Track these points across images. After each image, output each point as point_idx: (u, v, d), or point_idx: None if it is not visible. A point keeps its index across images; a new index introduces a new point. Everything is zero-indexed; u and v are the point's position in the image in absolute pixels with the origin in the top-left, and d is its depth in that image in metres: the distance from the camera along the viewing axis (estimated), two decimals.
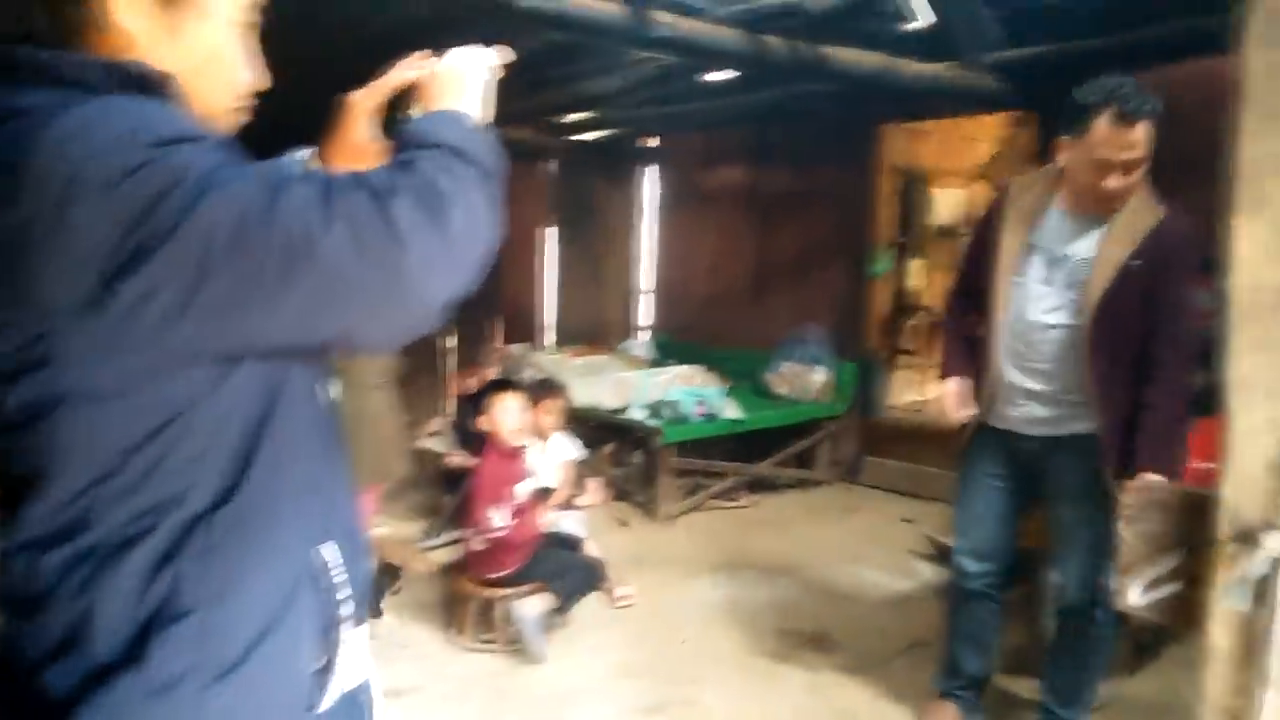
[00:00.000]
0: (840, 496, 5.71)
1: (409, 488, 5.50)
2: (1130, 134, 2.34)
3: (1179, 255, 2.45)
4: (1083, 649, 2.73)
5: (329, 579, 1.05)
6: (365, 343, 0.96)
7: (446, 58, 1.17)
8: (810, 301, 6.40)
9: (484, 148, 1.02)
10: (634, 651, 3.54)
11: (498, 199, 1.00)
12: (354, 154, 1.23)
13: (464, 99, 1.12)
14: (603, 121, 6.93)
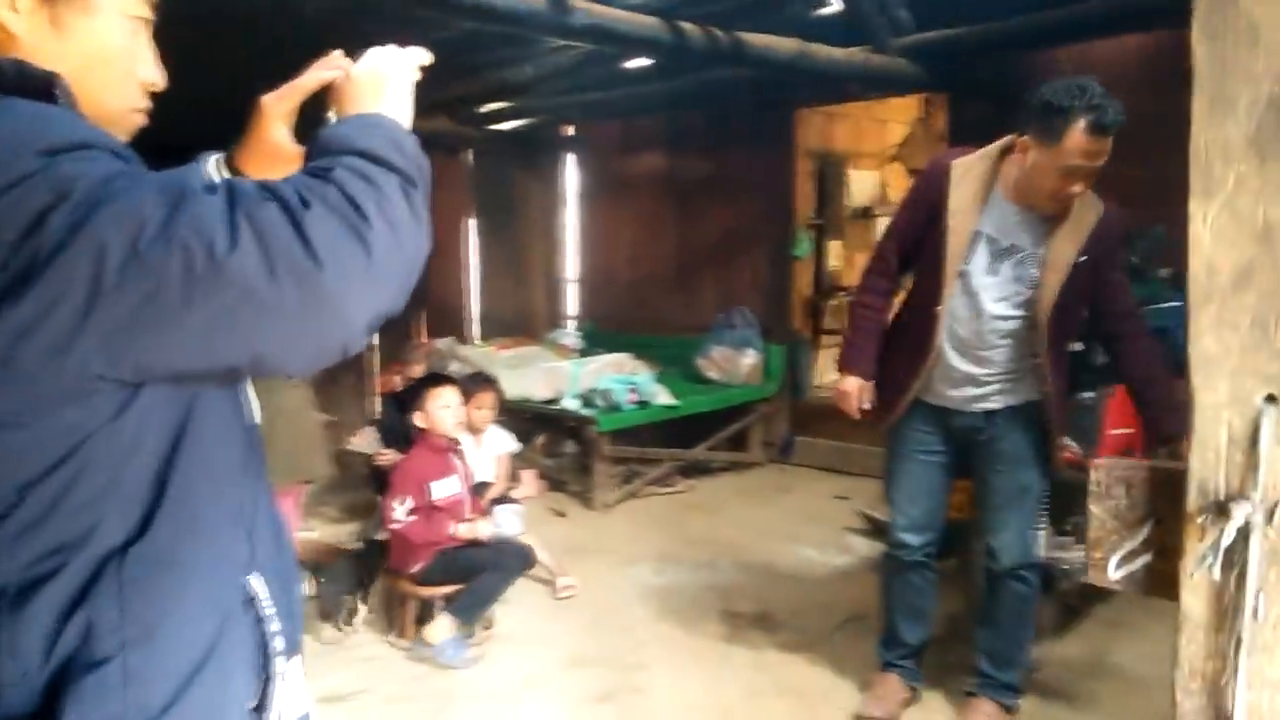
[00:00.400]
0: (773, 477, 5.81)
1: (336, 488, 5.39)
2: (1103, 144, 2.37)
3: (1116, 244, 2.61)
4: (1016, 612, 2.83)
5: (259, 611, 1.00)
6: (280, 368, 0.88)
7: (365, 58, 1.09)
8: (735, 285, 6.47)
9: (408, 154, 0.94)
10: (581, 641, 3.54)
11: (425, 210, 0.93)
12: (265, 161, 1.14)
13: (385, 102, 1.03)
14: (521, 110, 6.86)
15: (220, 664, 0.94)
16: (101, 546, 0.87)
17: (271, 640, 1.01)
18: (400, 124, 1.00)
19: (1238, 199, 0.71)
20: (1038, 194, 2.49)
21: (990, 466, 2.78)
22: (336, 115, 1.05)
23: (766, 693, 3.15)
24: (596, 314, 7.32)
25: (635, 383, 5.29)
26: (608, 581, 4.12)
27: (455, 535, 3.47)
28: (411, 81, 1.08)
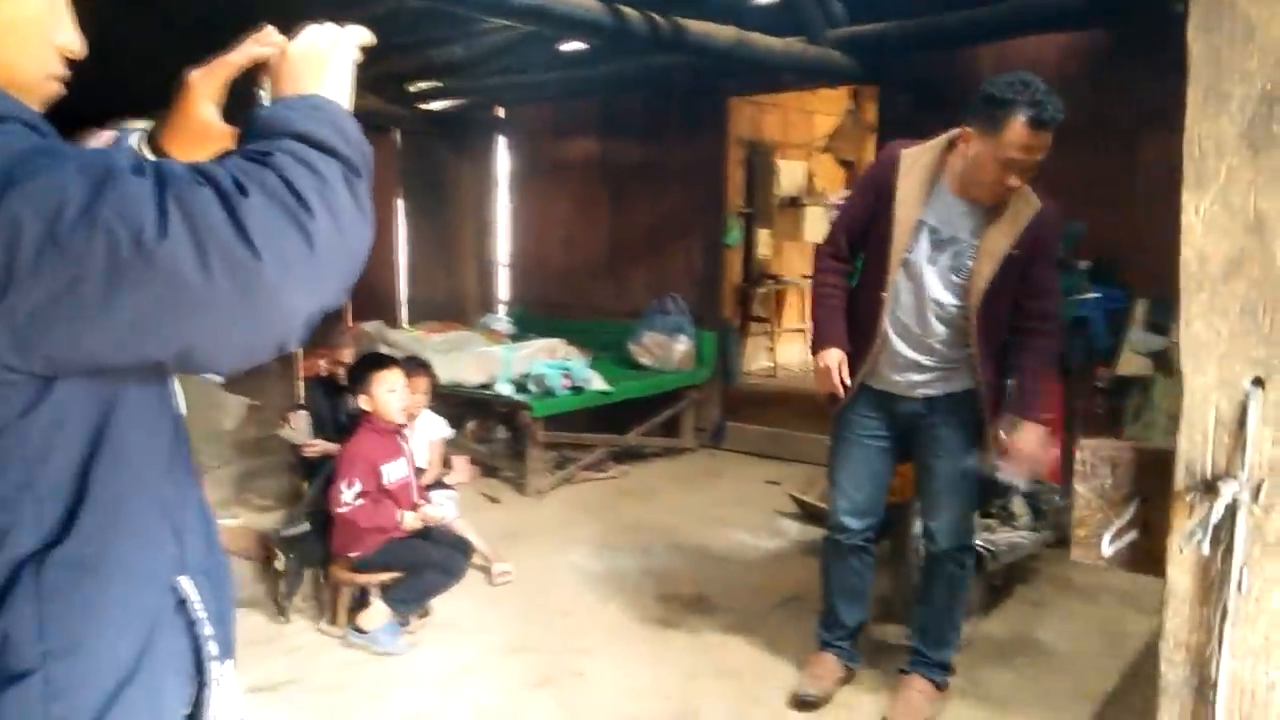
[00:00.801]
0: (705, 462, 5.86)
1: (261, 475, 5.25)
2: (1042, 138, 2.44)
3: (1051, 241, 2.67)
4: (951, 593, 2.92)
5: (191, 614, 0.95)
6: (209, 364, 0.84)
7: (302, 35, 1.02)
8: (667, 272, 6.49)
9: (351, 140, 0.89)
10: (518, 627, 3.52)
11: (369, 199, 0.88)
12: (192, 140, 1.06)
13: (324, 83, 0.97)
14: (451, 90, 6.75)
15: (151, 672, 0.89)
16: (16, 552, 0.81)
17: (205, 644, 0.96)
18: (342, 107, 0.95)
19: (1230, 191, 0.74)
20: (979, 185, 2.56)
21: (930, 452, 2.85)
22: (270, 94, 0.99)
23: (705, 674, 3.19)
24: (528, 299, 7.26)
25: (569, 368, 5.27)
26: (544, 567, 4.11)
27: (404, 524, 3.41)
28: (351, 62, 1.02)
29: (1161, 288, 4.48)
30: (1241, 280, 0.74)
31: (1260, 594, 0.74)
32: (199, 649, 0.96)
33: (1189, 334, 0.77)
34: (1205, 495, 0.74)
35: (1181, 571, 0.77)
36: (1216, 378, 0.76)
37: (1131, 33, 4.55)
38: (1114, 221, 4.51)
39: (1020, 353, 2.71)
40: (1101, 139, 4.58)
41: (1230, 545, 0.74)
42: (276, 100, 0.96)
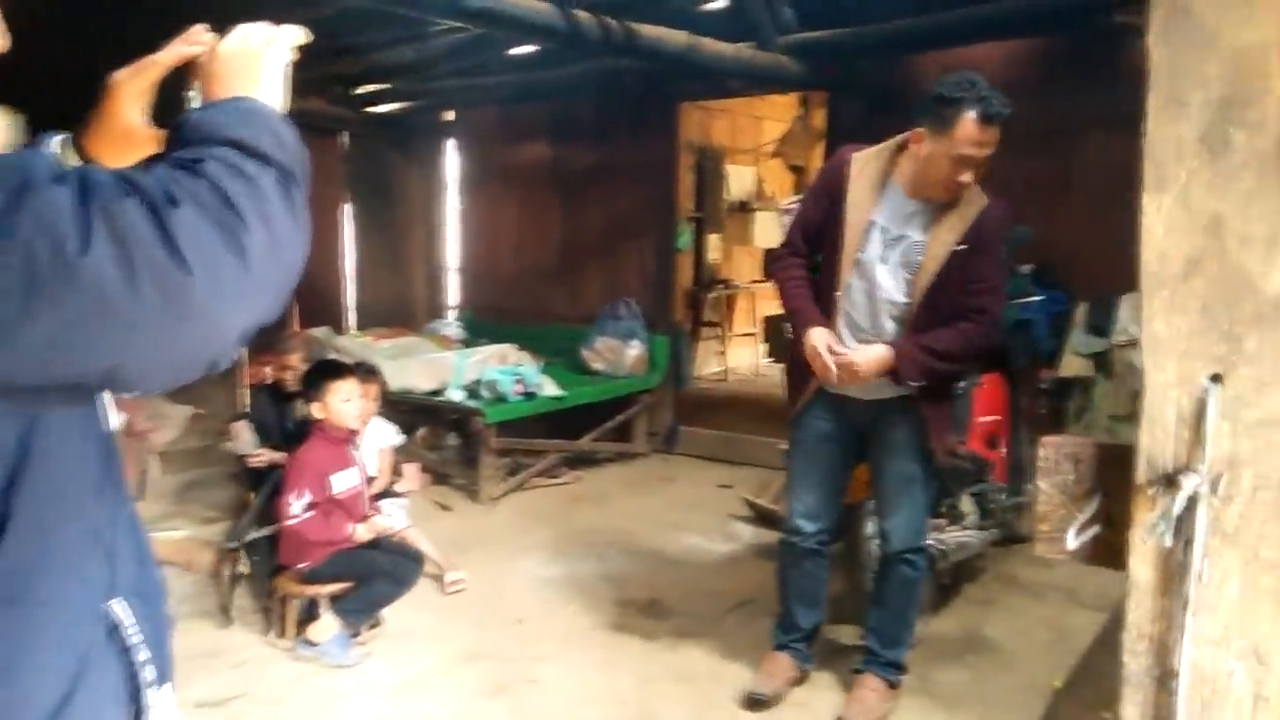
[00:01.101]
0: (658, 467, 5.87)
1: (204, 485, 5.13)
2: (992, 133, 2.52)
3: (996, 237, 2.69)
4: (904, 593, 2.96)
5: (124, 640, 0.91)
6: (136, 384, 0.79)
7: (234, 35, 0.98)
8: (619, 277, 6.49)
9: (287, 147, 0.85)
10: (471, 636, 3.48)
11: (305, 210, 0.84)
12: (117, 144, 1.01)
13: (257, 86, 0.93)
14: (400, 93, 6.67)
15: (85, 702, 0.85)
16: None
17: (141, 670, 0.92)
18: (277, 110, 0.91)
19: (1189, 193, 0.76)
20: (931, 184, 2.62)
21: (883, 454, 2.89)
22: (200, 97, 0.95)
23: (660, 678, 3.18)
24: (478, 304, 7.20)
25: (521, 374, 5.24)
26: (497, 575, 4.07)
27: (355, 536, 3.35)
28: (286, 63, 0.98)
29: (1101, 291, 4.61)
30: (1200, 279, 0.76)
31: (1220, 583, 0.76)
32: (134, 675, 0.92)
33: (1149, 332, 0.79)
34: (1166, 489, 0.76)
35: (1143, 563, 0.79)
36: (1176, 374, 0.78)
37: (1073, 42, 4.68)
38: (1055, 226, 4.63)
39: (947, 330, 2.68)
40: (1043, 146, 4.70)
41: (1190, 537, 0.76)
42: (207, 103, 0.91)
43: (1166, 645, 0.78)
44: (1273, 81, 0.73)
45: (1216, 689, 0.77)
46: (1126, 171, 3.57)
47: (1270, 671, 0.75)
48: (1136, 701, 0.81)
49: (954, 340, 2.67)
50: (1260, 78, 0.73)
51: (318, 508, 3.32)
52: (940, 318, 2.69)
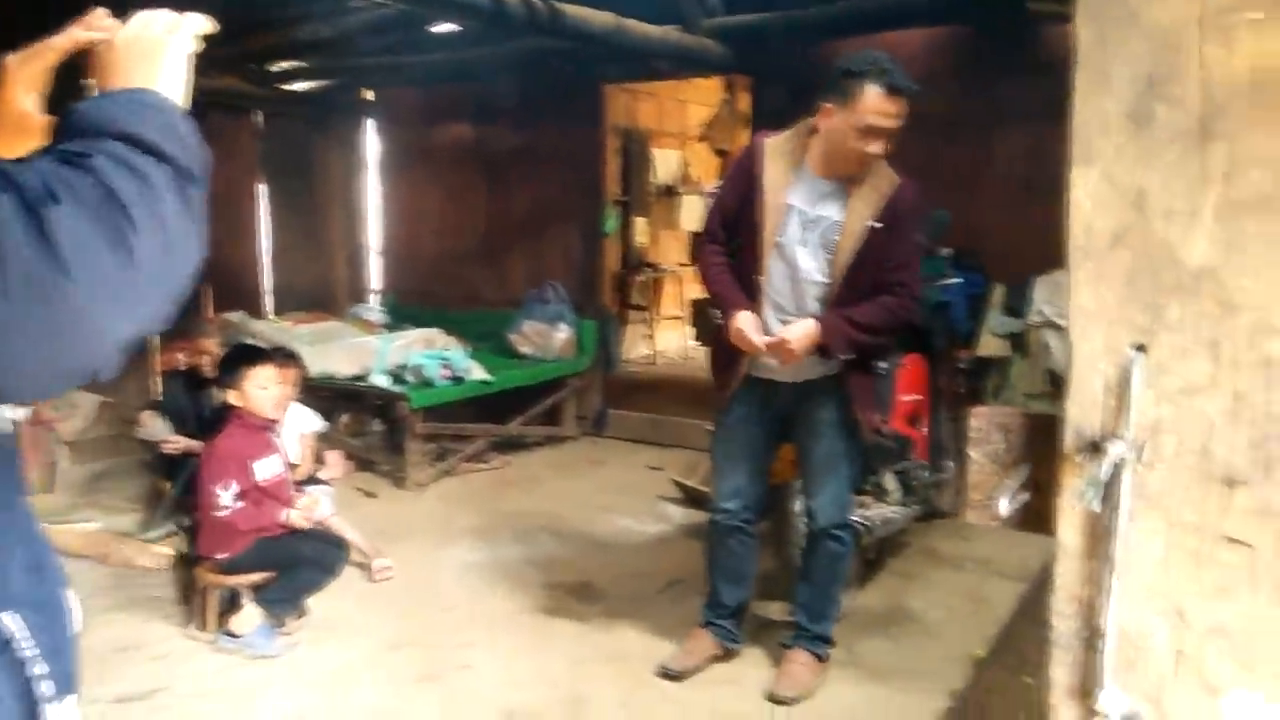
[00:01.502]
0: (588, 450, 5.86)
1: (117, 475, 4.95)
2: (896, 104, 2.58)
3: (910, 216, 2.74)
4: (830, 569, 3.01)
5: (17, 653, 0.86)
6: (11, 393, 0.74)
7: (134, 22, 0.92)
8: (546, 260, 6.44)
9: (186, 143, 0.80)
10: (401, 624, 3.43)
11: (202, 211, 0.79)
12: (8, 133, 0.95)
13: (157, 76, 0.87)
14: (316, 71, 6.48)
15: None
16: None
17: (37, 685, 0.87)
18: (176, 104, 0.85)
19: (1114, 167, 0.78)
20: (840, 158, 2.68)
21: (808, 433, 2.93)
22: (97, 87, 0.89)
23: (592, 660, 3.19)
24: (401, 287, 7.07)
25: (447, 358, 5.17)
26: (425, 562, 4.02)
27: (289, 521, 3.27)
28: (188, 53, 0.92)
29: (1017, 274, 4.76)
30: (1125, 251, 0.78)
31: (1143, 546, 0.79)
32: (30, 691, 0.87)
33: (1076, 303, 0.81)
34: (1093, 455, 0.79)
35: (1071, 528, 0.81)
36: (1102, 344, 0.80)
37: (991, 31, 4.79)
38: (973, 211, 4.75)
39: (867, 303, 2.73)
40: (962, 132, 4.82)
41: (1116, 502, 0.78)
42: (101, 94, 0.85)
43: (1093, 607, 0.81)
44: (1192, 58, 0.75)
45: (1140, 647, 0.80)
46: (1041, 158, 3.72)
47: (1190, 629, 0.78)
48: (1065, 662, 0.84)
49: (876, 313, 2.73)
50: (1181, 54, 0.76)
51: (247, 496, 3.22)
52: (861, 295, 2.73)
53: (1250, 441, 0.75)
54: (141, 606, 3.51)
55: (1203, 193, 0.76)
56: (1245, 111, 0.74)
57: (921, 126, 2.62)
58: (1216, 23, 0.75)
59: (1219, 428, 0.76)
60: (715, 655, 3.11)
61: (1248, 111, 0.74)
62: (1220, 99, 0.75)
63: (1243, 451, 0.75)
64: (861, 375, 2.86)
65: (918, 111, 2.62)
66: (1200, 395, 0.76)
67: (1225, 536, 0.77)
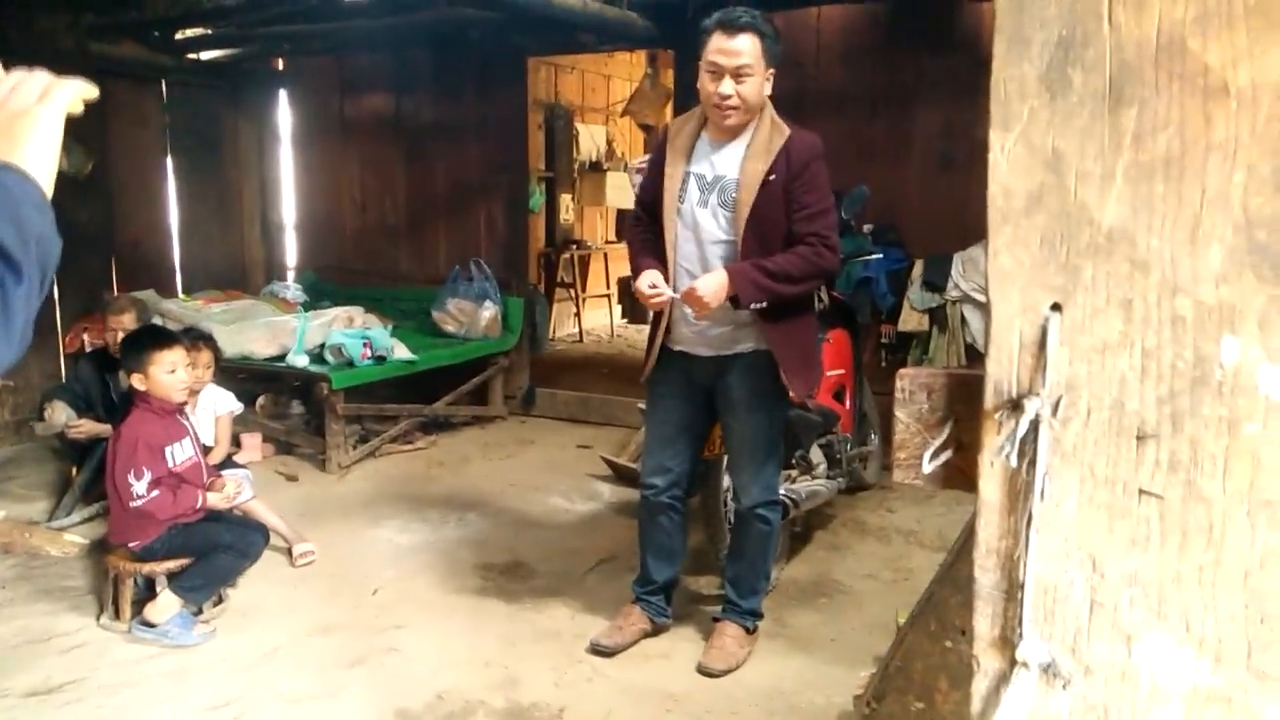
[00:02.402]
0: (516, 430, 5.81)
1: (22, 462, 4.74)
2: (733, 41, 2.62)
3: (808, 166, 2.74)
4: (758, 544, 3.04)
5: None
6: None
7: (4, 84, 0.86)
8: (469, 236, 6.35)
9: (24, 230, 0.74)
10: (326, 608, 3.36)
11: (26, 309, 0.73)
12: None
13: (21, 149, 0.81)
14: (225, 39, 6.23)
15: None
16: None
17: None
18: (31, 186, 0.79)
19: (1030, 130, 0.80)
20: (710, 111, 2.74)
21: (729, 411, 2.95)
22: None
23: (524, 639, 3.18)
24: (319, 264, 6.88)
25: (370, 337, 5.06)
26: (350, 545, 3.95)
27: (207, 505, 3.18)
28: (63, 118, 0.86)
29: (936, 249, 4.87)
30: (1041, 213, 0.80)
31: (1059, 500, 0.81)
32: None
33: (995, 265, 0.83)
34: (1011, 413, 0.80)
35: (991, 484, 0.83)
36: (1020, 304, 0.81)
37: (910, 9, 4.86)
38: (893, 188, 4.84)
39: (784, 255, 2.73)
40: (880, 109, 4.89)
41: (1034, 458, 0.80)
42: None
43: (1013, 560, 0.83)
44: (1104, 22, 0.77)
45: (1058, 598, 0.82)
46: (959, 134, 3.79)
47: (1105, 580, 0.81)
48: (986, 614, 0.86)
49: (789, 260, 2.71)
50: (1094, 19, 0.77)
51: (162, 484, 3.12)
52: (771, 250, 2.74)
53: (1158, 398, 0.78)
54: (51, 597, 3.38)
55: (1115, 155, 0.78)
56: (1153, 76, 0.76)
57: (841, 104, 2.66)
58: None
59: (1130, 383, 0.78)
60: (645, 631, 3.13)
61: (1155, 76, 0.76)
62: (1130, 63, 0.77)
63: (1152, 406, 0.78)
64: (787, 341, 2.85)
65: (838, 89, 2.65)
66: (1112, 353, 0.78)
67: (1137, 489, 0.79)
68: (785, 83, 4.62)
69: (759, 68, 2.65)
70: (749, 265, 2.70)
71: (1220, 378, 0.76)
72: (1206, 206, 0.76)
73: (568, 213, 8.17)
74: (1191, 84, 0.76)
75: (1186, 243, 0.76)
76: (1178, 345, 0.77)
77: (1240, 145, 0.75)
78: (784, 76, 2.87)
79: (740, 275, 2.69)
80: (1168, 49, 0.76)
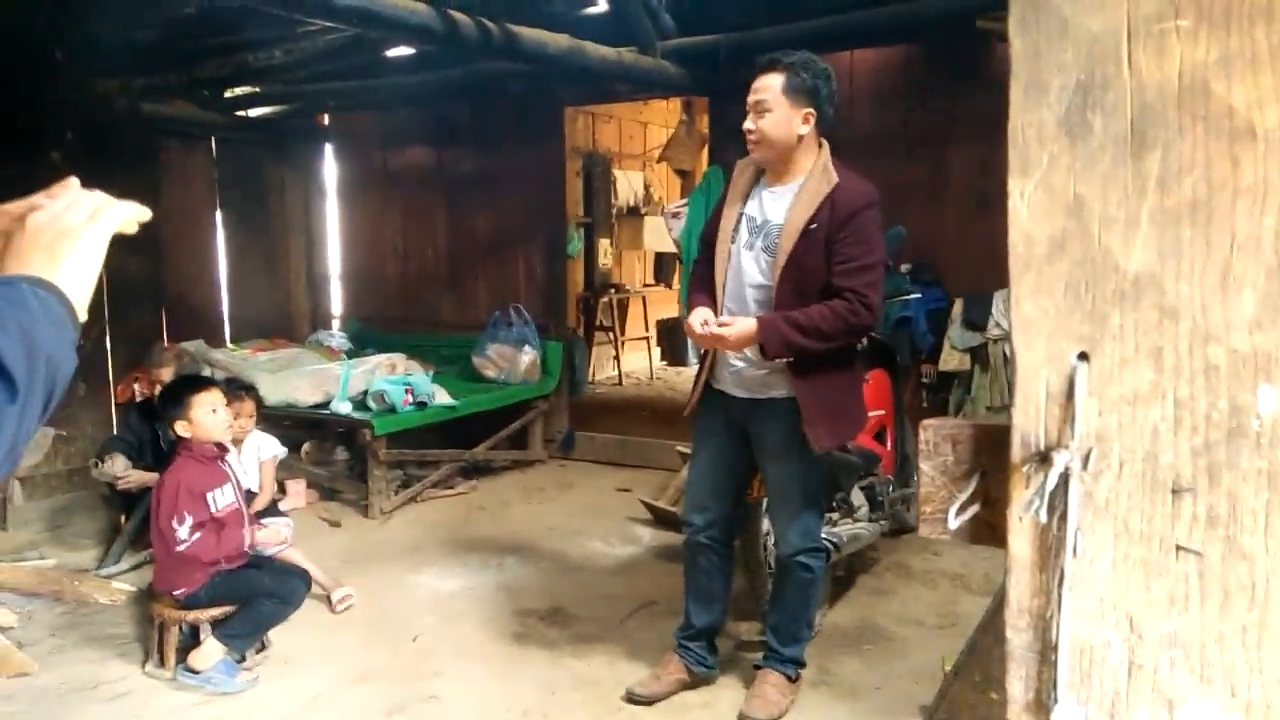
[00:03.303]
0: (556, 473, 5.81)
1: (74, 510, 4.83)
2: (759, 79, 2.68)
3: (855, 216, 2.67)
4: (798, 592, 2.97)
5: None
6: None
7: (59, 202, 0.86)
8: (509, 283, 6.42)
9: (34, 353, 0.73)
10: (366, 655, 3.36)
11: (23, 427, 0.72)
12: None
13: (59, 265, 0.82)
14: (272, 96, 6.43)
15: None
16: None
17: None
18: (57, 304, 0.78)
19: (1051, 176, 0.78)
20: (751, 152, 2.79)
21: (763, 456, 2.91)
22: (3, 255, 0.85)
23: (563, 686, 3.14)
24: (363, 313, 7.00)
25: (411, 383, 5.11)
26: (391, 591, 3.95)
27: (253, 543, 3.22)
28: (106, 241, 0.87)
29: (976, 287, 4.80)
30: (1064, 260, 0.78)
31: (1093, 557, 0.78)
32: None
33: (1019, 313, 0.81)
34: (1040, 466, 0.78)
35: (1021, 540, 0.81)
36: (1045, 353, 0.79)
37: (942, 48, 4.86)
38: (931, 226, 4.80)
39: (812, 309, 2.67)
40: (915, 149, 4.87)
41: (1064, 512, 0.77)
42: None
43: (1045, 620, 0.80)
44: (1123, 66, 0.76)
45: (1094, 659, 0.79)
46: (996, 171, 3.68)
47: (1143, 641, 0.77)
48: (1020, 676, 0.83)
49: (820, 314, 2.64)
50: (1113, 63, 0.76)
51: (204, 528, 3.16)
52: (808, 300, 2.69)
53: (1193, 449, 0.75)
54: (99, 644, 3.42)
55: (1139, 200, 0.76)
56: (1176, 119, 0.74)
57: (876, 145, 2.65)
58: (1146, 30, 0.75)
59: (1163, 435, 0.75)
60: (684, 681, 3.07)
61: (1178, 119, 0.74)
62: (1152, 106, 0.75)
63: (1187, 459, 0.75)
64: (812, 390, 2.75)
65: (872, 131, 2.65)
66: (1143, 403, 0.76)
67: (1174, 545, 0.76)
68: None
69: (781, 103, 2.63)
70: (780, 317, 2.66)
71: (1258, 429, 0.73)
72: (1237, 251, 0.74)
73: (606, 257, 8.24)
74: (1216, 126, 0.74)
75: (1217, 289, 0.74)
76: (1211, 395, 0.74)
77: (1270, 188, 0.73)
78: None
79: (769, 325, 2.65)
80: (1190, 91, 0.74)
